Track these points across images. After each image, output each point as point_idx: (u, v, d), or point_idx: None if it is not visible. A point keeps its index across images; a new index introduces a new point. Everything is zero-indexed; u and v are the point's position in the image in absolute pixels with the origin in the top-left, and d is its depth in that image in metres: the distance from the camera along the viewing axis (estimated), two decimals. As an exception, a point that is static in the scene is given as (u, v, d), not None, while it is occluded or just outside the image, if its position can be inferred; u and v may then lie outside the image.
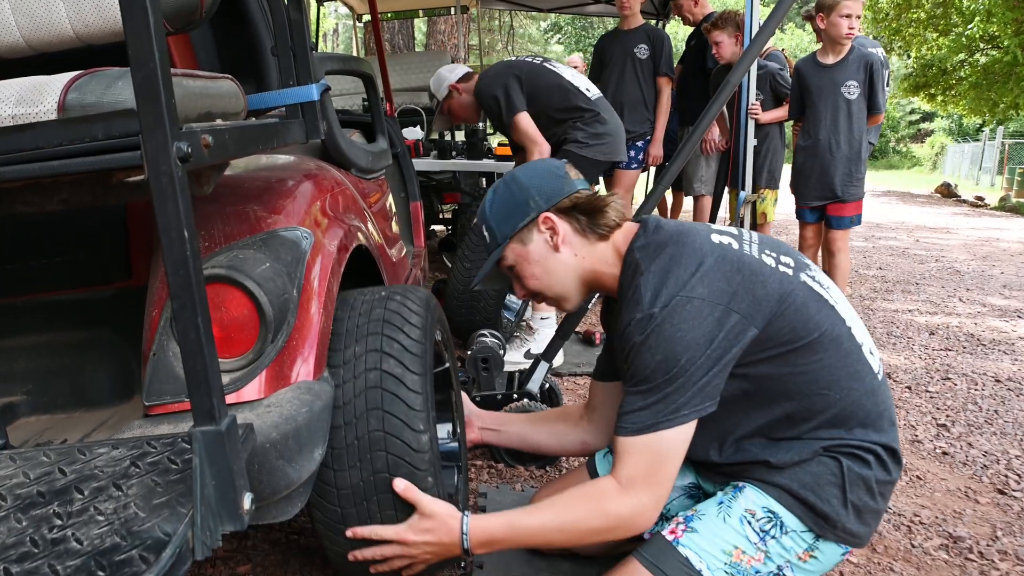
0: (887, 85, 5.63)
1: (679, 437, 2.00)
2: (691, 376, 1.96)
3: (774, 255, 2.15)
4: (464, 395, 2.89)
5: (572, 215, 2.26)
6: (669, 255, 2.07)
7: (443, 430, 2.81)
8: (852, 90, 5.65)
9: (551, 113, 5.05)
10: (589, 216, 2.25)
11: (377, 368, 2.15)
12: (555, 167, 2.34)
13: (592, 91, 5.22)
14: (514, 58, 5.22)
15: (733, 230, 2.24)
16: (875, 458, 2.09)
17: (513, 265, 2.34)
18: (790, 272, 2.11)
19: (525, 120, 4.98)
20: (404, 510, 2.12)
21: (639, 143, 6.81)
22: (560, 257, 2.27)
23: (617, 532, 2.08)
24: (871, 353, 2.18)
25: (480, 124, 6.94)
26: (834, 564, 2.16)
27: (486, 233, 2.35)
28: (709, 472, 2.34)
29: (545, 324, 5.12)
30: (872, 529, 2.14)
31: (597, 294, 2.46)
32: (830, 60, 5.74)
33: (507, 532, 2.14)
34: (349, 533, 2.15)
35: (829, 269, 6.00)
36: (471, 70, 5.32)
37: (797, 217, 6.35)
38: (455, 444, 2.78)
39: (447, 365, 2.75)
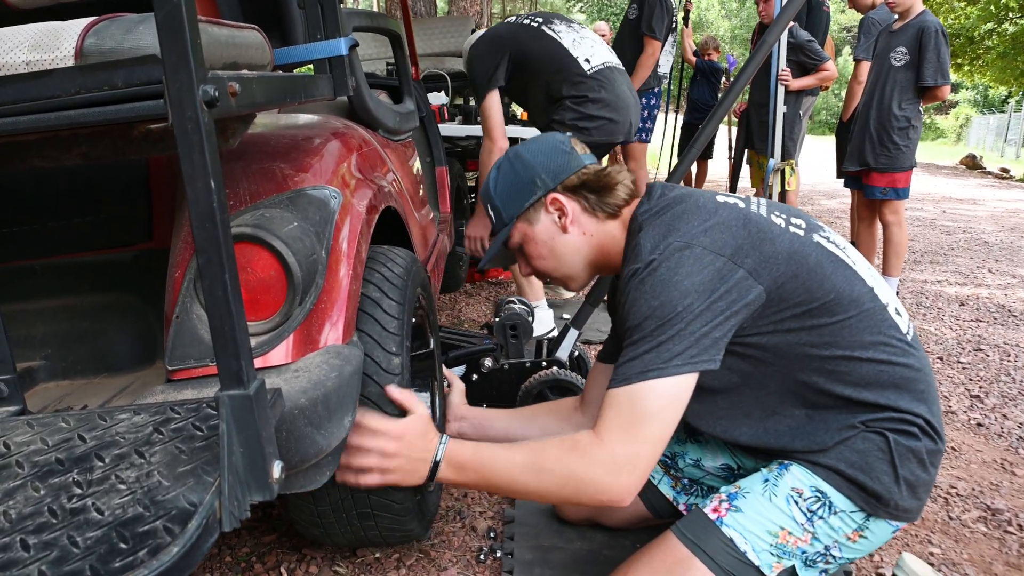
0: (940, 58, 5.43)
1: (670, 390, 1.83)
2: (687, 325, 1.82)
3: (783, 216, 2.07)
4: (454, 388, 2.75)
5: (580, 193, 2.18)
6: (673, 213, 2.00)
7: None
8: (900, 56, 5.50)
9: (544, 87, 4.41)
10: (598, 194, 2.17)
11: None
12: (560, 141, 2.24)
13: (593, 61, 4.36)
14: (514, 18, 4.62)
15: (741, 195, 2.16)
16: (920, 428, 1.98)
17: (520, 244, 2.27)
18: (801, 232, 2.01)
19: (490, 105, 4.40)
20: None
21: (642, 99, 6.76)
22: (568, 238, 2.20)
23: (584, 482, 1.88)
24: (898, 313, 2.06)
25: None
26: (884, 542, 2.07)
27: (491, 213, 2.28)
28: (747, 450, 2.26)
29: (539, 309, 4.93)
30: (924, 502, 2.04)
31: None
32: (896, 26, 5.62)
33: (477, 460, 2.03)
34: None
35: (879, 240, 5.91)
36: None
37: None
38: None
39: (431, 348, 2.72)
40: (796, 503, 2.00)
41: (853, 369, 1.96)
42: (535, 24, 4.45)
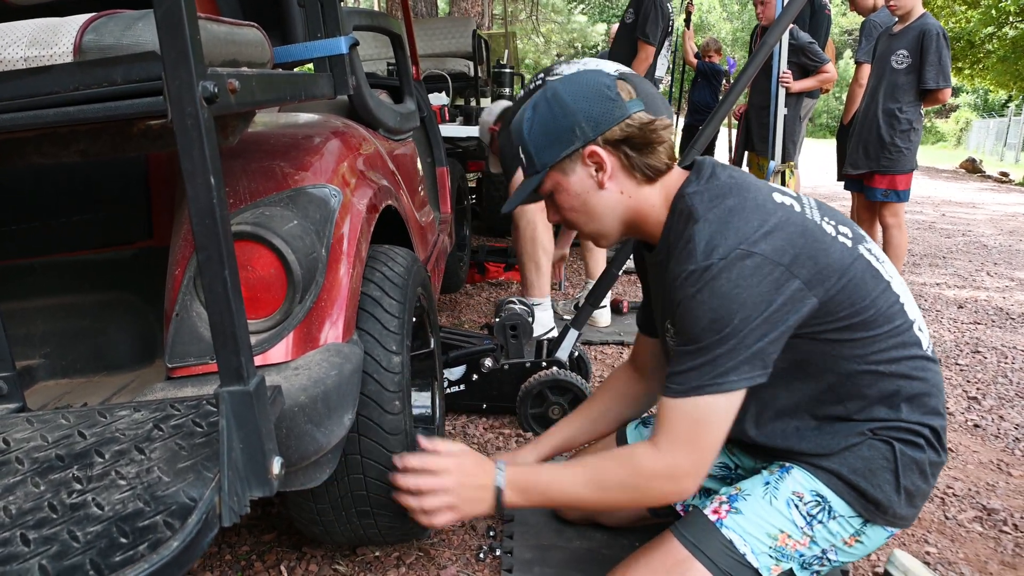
0: (941, 61, 5.42)
1: (725, 405, 1.84)
2: (744, 339, 1.78)
3: (833, 223, 1.99)
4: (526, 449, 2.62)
5: (621, 148, 2.00)
6: (728, 206, 1.87)
7: (423, 398, 2.81)
8: (901, 59, 5.49)
9: None
10: (640, 151, 2.00)
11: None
12: (605, 85, 2.01)
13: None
14: (540, 76, 4.49)
15: (792, 192, 2.06)
16: (925, 441, 1.97)
17: (551, 192, 2.12)
18: (849, 243, 1.95)
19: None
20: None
21: None
22: (604, 194, 2.04)
23: (649, 493, 1.97)
24: (920, 330, 2.04)
25: (507, 91, 6.88)
26: (878, 547, 2.08)
27: (523, 155, 2.11)
28: (747, 449, 2.25)
29: (540, 308, 4.88)
30: (919, 510, 2.05)
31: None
32: (896, 29, 5.61)
33: (541, 483, 2.08)
34: (396, 459, 2.12)
35: (879, 243, 5.91)
36: (509, 104, 5.05)
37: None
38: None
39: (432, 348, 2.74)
40: (796, 507, 1.99)
41: (875, 382, 1.95)
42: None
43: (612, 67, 4.31)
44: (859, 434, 1.98)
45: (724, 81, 10.37)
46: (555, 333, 4.06)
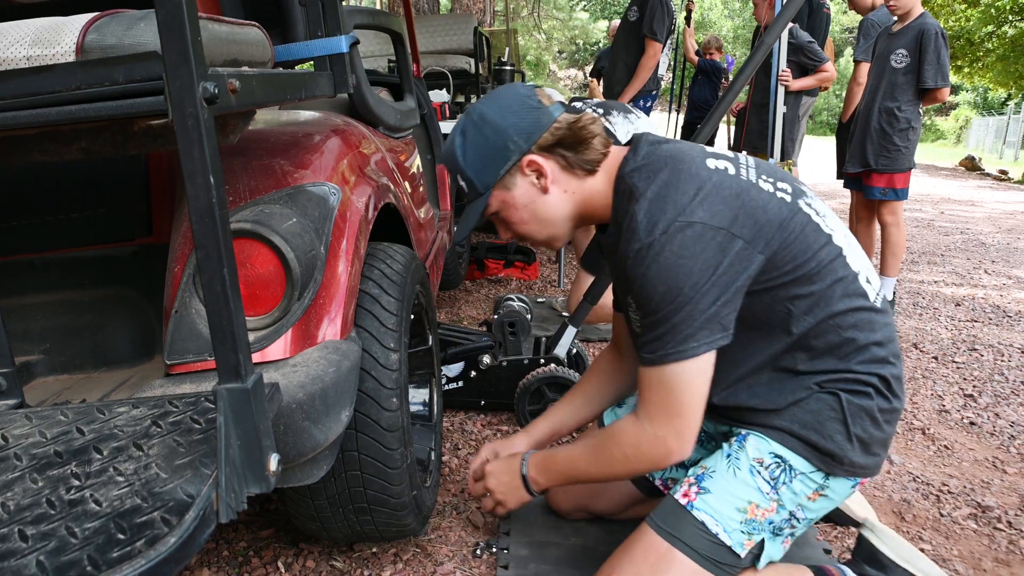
0: (940, 61, 5.42)
1: (694, 369, 1.92)
2: (697, 304, 1.86)
3: (771, 180, 2.05)
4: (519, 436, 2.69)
5: (556, 152, 2.06)
6: (664, 180, 1.94)
7: (420, 395, 2.83)
8: (900, 59, 5.48)
9: None
10: (575, 150, 2.06)
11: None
12: (526, 96, 2.09)
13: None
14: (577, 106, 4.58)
15: (728, 153, 2.12)
16: (874, 389, 2.02)
17: (498, 211, 2.17)
18: (788, 199, 2.01)
19: None
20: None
21: (641, 101, 6.80)
22: (549, 198, 2.10)
23: (643, 461, 2.07)
24: (868, 281, 2.08)
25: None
26: (845, 497, 2.13)
27: (463, 183, 2.14)
28: (708, 413, 2.23)
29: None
30: (881, 458, 2.09)
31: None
32: (895, 28, 5.61)
33: (555, 461, 2.28)
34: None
35: (877, 240, 5.92)
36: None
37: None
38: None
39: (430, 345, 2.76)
40: (759, 473, 2.04)
41: (821, 334, 2.00)
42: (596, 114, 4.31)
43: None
44: (806, 388, 2.04)
45: (724, 79, 10.37)
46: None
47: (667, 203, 1.90)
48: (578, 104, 4.42)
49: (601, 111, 4.25)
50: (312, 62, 2.38)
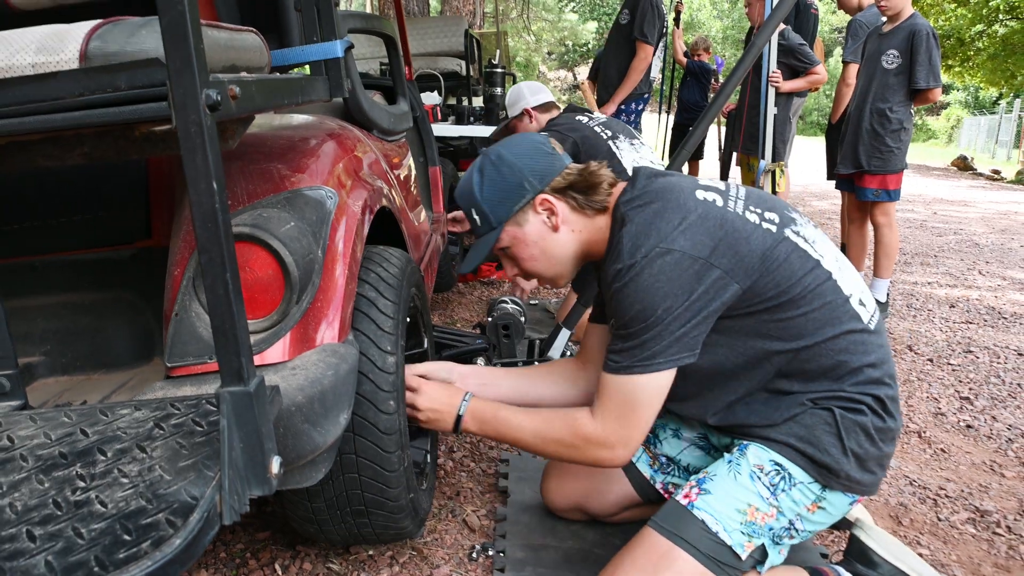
0: (932, 61, 5.43)
1: (653, 384, 2.04)
2: (668, 326, 1.97)
3: (758, 211, 2.13)
4: (449, 363, 2.74)
5: (568, 194, 2.23)
6: (653, 209, 2.08)
7: None
8: (891, 59, 5.50)
9: None
10: (585, 193, 2.22)
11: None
12: (540, 143, 2.29)
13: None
14: (583, 119, 4.52)
15: (720, 185, 2.23)
16: (868, 407, 2.09)
17: (508, 247, 2.31)
18: (774, 228, 2.10)
19: None
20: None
21: (632, 104, 6.83)
22: (559, 237, 2.25)
23: (584, 454, 2.18)
24: (861, 304, 2.16)
25: (498, 90, 6.88)
26: (843, 514, 2.18)
27: (476, 217, 2.28)
28: (710, 428, 2.39)
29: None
30: (879, 477, 2.15)
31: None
32: (885, 29, 5.62)
33: (496, 420, 2.33)
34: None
35: (870, 242, 5.94)
36: (554, 100, 4.96)
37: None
38: None
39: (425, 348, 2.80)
40: (759, 478, 2.10)
41: (813, 357, 2.08)
42: (598, 130, 4.40)
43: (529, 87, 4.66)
44: (800, 404, 2.12)
45: (713, 80, 10.39)
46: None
47: (652, 230, 2.03)
48: (582, 118, 4.45)
49: (608, 134, 4.31)
50: (308, 66, 2.39)
